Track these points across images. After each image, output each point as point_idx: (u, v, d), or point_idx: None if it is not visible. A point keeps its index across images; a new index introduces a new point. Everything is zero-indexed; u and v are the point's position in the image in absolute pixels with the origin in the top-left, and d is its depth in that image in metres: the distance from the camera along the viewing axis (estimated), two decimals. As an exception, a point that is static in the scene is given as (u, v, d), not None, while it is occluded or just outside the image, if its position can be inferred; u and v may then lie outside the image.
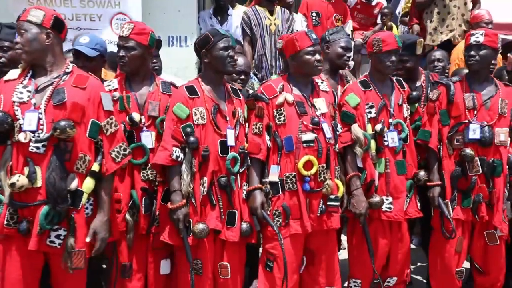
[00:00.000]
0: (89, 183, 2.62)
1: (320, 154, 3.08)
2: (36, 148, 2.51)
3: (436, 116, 3.42)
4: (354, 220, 3.33)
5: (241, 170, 3.03)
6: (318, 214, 3.09)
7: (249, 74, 4.02)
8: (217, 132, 2.96)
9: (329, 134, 3.13)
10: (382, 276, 3.41)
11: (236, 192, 3.01)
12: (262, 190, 3.05)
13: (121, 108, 3.01)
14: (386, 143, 3.31)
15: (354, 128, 3.26)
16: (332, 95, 3.34)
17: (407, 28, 6.07)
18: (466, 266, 3.52)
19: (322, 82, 3.34)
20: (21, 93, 2.56)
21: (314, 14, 5.57)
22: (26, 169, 2.49)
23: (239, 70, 3.70)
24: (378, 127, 3.29)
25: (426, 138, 3.42)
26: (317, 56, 3.09)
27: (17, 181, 2.46)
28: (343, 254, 3.71)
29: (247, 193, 3.05)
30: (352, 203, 3.24)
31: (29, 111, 2.53)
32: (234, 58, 3.05)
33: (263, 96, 3.13)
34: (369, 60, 3.88)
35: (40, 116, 2.53)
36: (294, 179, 3.05)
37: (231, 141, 2.98)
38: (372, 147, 3.30)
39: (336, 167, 3.21)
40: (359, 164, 3.30)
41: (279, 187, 3.06)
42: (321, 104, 3.18)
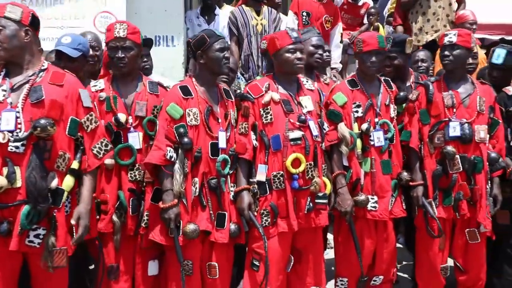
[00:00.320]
0: (69, 181, 2.60)
1: (308, 152, 3.09)
2: (16, 148, 2.47)
3: (416, 116, 3.45)
4: (340, 219, 3.35)
5: (231, 172, 3.04)
6: (306, 212, 3.10)
7: (236, 72, 4.02)
8: (209, 134, 2.96)
9: (316, 132, 3.15)
10: (368, 275, 3.42)
11: (226, 194, 3.01)
12: (250, 191, 3.06)
13: (108, 109, 2.99)
14: (372, 143, 3.33)
15: (341, 127, 3.27)
16: (318, 94, 3.36)
17: (392, 28, 6.10)
18: (450, 264, 3.56)
19: (308, 81, 3.36)
20: None
21: (305, 14, 5.55)
22: (5, 170, 2.45)
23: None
24: (364, 127, 3.31)
25: (408, 138, 3.45)
26: (298, 54, 3.10)
27: None
28: (330, 254, 3.73)
29: (235, 194, 3.05)
30: (338, 201, 3.26)
31: (6, 111, 2.49)
32: (230, 60, 3.05)
33: (249, 96, 3.13)
34: (355, 60, 3.90)
35: (18, 115, 2.49)
36: (282, 178, 3.06)
37: (223, 143, 2.98)
38: (358, 146, 3.32)
39: (323, 165, 3.23)
40: (345, 163, 3.31)
41: (267, 187, 3.07)
42: (307, 102, 3.19)
